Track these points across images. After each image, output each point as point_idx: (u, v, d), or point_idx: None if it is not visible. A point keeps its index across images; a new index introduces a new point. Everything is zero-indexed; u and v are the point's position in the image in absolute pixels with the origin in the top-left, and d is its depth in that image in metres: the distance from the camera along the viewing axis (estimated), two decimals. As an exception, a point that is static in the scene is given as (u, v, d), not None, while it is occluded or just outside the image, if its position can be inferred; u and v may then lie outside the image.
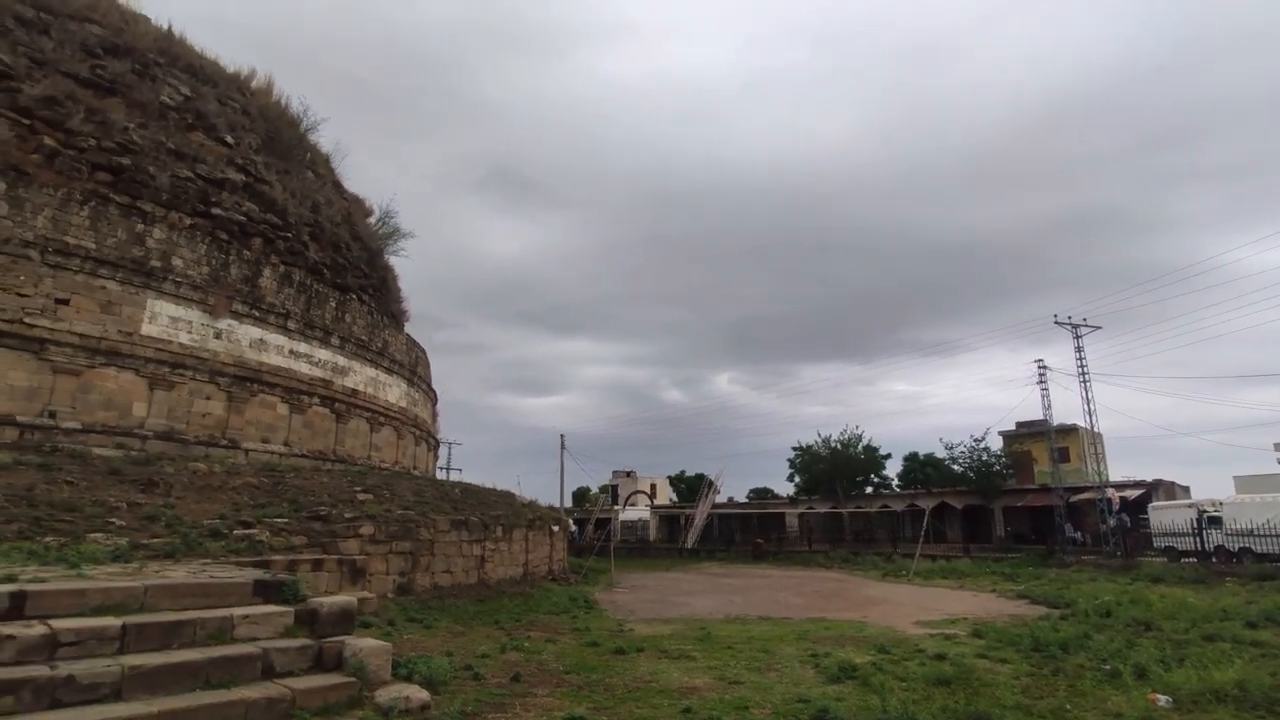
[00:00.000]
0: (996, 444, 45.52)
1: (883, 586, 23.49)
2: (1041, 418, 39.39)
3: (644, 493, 60.68)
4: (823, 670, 8.98)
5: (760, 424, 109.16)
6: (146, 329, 16.40)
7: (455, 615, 13.39)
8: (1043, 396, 38.11)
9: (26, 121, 16.04)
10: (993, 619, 14.33)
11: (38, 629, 5.70)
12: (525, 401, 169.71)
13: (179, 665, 5.89)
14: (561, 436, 52.51)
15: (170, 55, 20.58)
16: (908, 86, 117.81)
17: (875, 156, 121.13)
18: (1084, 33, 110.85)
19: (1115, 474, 39.60)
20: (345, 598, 7.69)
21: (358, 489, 16.92)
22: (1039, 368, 38.24)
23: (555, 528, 24.35)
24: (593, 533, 48.82)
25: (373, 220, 29.84)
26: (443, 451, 45.23)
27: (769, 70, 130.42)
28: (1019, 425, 46.91)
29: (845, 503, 47.63)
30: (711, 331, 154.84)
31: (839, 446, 50.26)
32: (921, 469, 50.62)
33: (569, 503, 59.17)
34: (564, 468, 52.13)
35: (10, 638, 5.50)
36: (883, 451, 51.43)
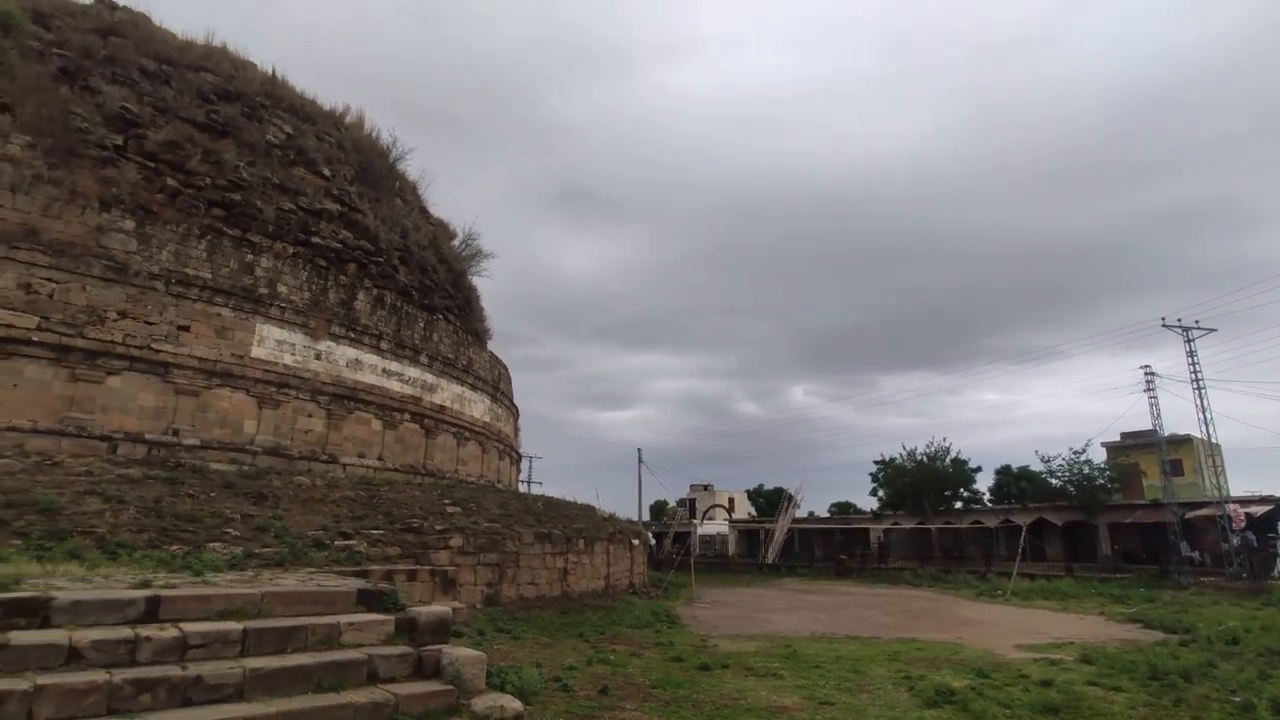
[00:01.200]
0: (1098, 456, 42.76)
1: (977, 607, 22.40)
2: (1150, 427, 36.75)
3: (722, 506, 60.09)
4: (918, 693, 8.66)
5: (840, 436, 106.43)
6: (255, 352, 17.62)
7: (541, 626, 13.64)
8: (1151, 405, 35.57)
9: (152, 165, 17.62)
10: (1103, 644, 13.44)
11: (170, 632, 6.18)
12: (602, 415, 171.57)
13: (294, 669, 6.26)
14: (639, 450, 52.84)
15: (274, 97, 22.19)
16: (986, 82, 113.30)
17: (954, 157, 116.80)
18: (1185, 17, 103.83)
19: (1235, 488, 36.40)
20: (441, 607, 7.99)
21: (446, 502, 17.54)
22: (1146, 374, 35.74)
23: (635, 541, 24.45)
24: (670, 546, 48.67)
25: (456, 243, 31.08)
26: (524, 465, 46.24)
27: (837, 75, 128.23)
28: (1124, 436, 43.86)
29: (933, 518, 45.70)
30: (785, 343, 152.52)
31: (925, 459, 48.29)
32: (1015, 483, 47.96)
33: (646, 516, 59.28)
34: (641, 481, 52.37)
35: (148, 639, 6.01)
36: (972, 464, 49.06)
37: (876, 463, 52.39)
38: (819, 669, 10.36)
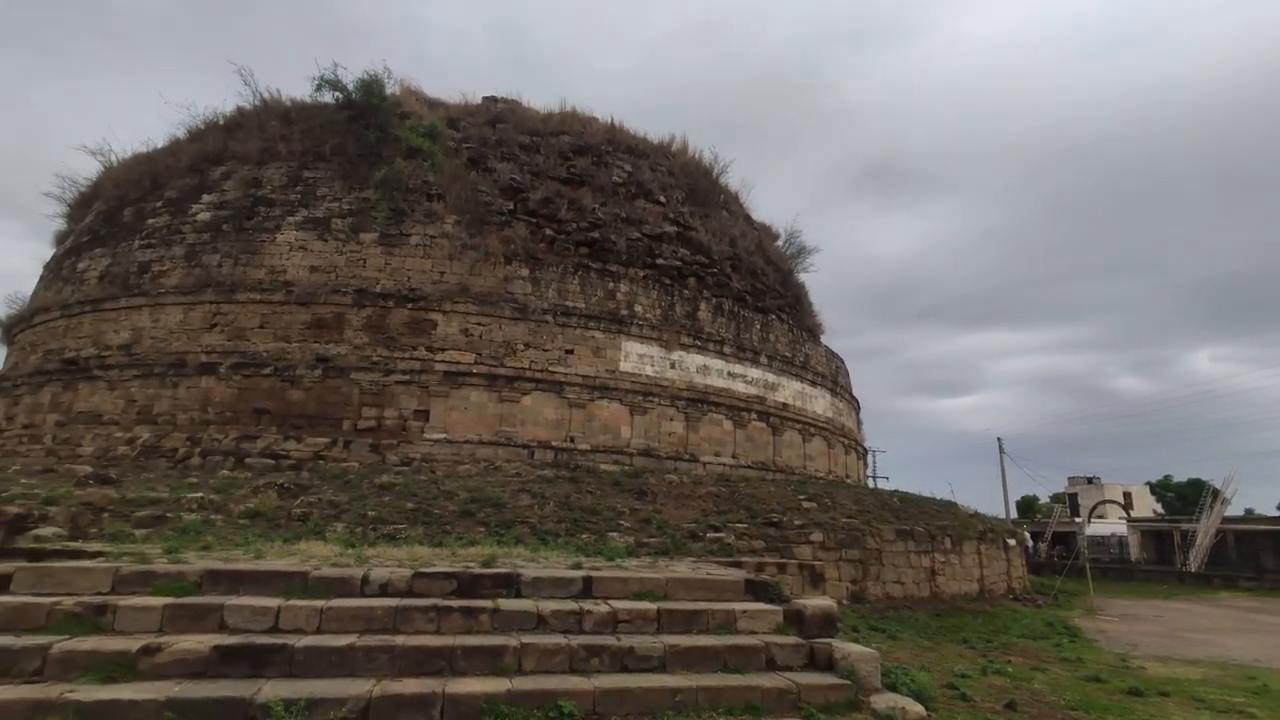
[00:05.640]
0: None
1: None
2: None
3: (1116, 503, 50.36)
4: None
5: (1277, 412, 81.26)
6: (623, 366, 20.18)
7: (915, 628, 13.05)
8: None
9: (534, 220, 21.40)
10: None
11: (603, 607, 7.36)
12: (938, 403, 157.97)
13: (702, 649, 6.97)
14: (999, 440, 47.28)
15: (614, 142, 25.23)
16: None
17: None
18: None
19: None
20: (825, 601, 8.15)
21: (801, 497, 17.86)
22: None
23: (1010, 541, 21.94)
24: (1048, 548, 42.51)
25: (780, 243, 31.57)
26: (868, 459, 44.68)
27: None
28: None
29: None
30: (1169, 300, 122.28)
31: None
32: None
33: (1013, 513, 52.59)
34: (1005, 474, 46.71)
35: (589, 613, 7.24)
36: None
37: (1358, 445, 39.03)
38: (1308, 712, 8.08)
